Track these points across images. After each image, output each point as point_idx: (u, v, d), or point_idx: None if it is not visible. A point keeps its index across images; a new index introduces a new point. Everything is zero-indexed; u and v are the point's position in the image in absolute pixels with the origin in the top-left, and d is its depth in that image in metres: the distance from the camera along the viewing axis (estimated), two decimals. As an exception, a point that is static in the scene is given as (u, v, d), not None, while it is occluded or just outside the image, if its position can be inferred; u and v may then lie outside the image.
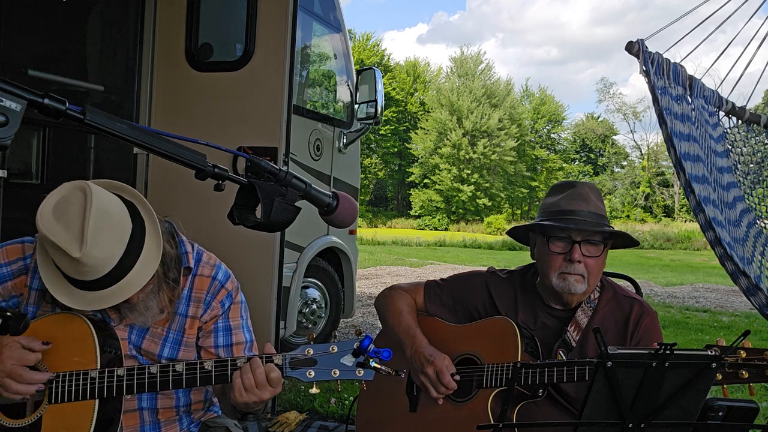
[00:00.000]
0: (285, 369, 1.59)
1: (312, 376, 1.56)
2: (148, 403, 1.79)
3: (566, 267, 2.01)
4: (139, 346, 1.77)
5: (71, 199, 1.53)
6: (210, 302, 1.81)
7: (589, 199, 2.05)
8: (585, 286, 2.03)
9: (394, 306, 2.24)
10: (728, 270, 2.56)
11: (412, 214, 45.37)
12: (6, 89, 1.00)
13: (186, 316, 1.80)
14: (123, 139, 1.19)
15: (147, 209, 1.66)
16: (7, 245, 1.78)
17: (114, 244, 1.54)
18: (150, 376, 1.61)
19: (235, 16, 3.76)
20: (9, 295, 1.76)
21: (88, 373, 1.61)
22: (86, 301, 1.58)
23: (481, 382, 2.01)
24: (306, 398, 4.24)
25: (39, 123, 4.07)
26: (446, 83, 49.45)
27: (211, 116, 3.60)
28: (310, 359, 1.57)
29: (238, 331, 1.85)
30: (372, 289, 9.71)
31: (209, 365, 1.62)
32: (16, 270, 1.76)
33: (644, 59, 2.46)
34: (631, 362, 1.40)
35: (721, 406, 1.69)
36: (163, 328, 1.78)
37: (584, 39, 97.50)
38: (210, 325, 1.82)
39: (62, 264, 1.54)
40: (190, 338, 1.81)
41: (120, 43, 4.50)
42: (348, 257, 5.67)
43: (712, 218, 2.52)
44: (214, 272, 1.83)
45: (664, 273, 15.16)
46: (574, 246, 2.00)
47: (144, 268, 1.60)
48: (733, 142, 3.09)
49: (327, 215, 1.50)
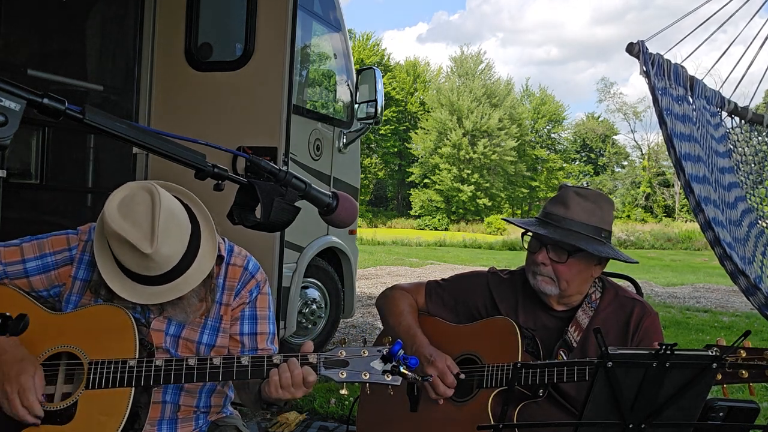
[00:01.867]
0: (319, 368, 1.65)
1: (344, 376, 1.63)
2: (171, 397, 1.84)
3: (535, 267, 2.05)
4: (178, 336, 1.83)
5: (138, 199, 1.61)
6: (240, 291, 1.89)
7: (569, 205, 2.03)
8: (556, 289, 2.04)
9: (395, 306, 2.24)
10: (727, 270, 2.57)
11: (412, 214, 45.38)
12: (5, 89, 1.00)
13: (221, 303, 1.87)
14: (122, 139, 1.19)
15: (203, 212, 1.77)
16: (53, 236, 1.85)
17: (178, 243, 1.63)
18: (188, 367, 1.66)
19: (235, 15, 3.76)
20: (52, 284, 1.83)
21: (127, 361, 1.66)
22: (145, 296, 1.67)
23: (482, 382, 2.01)
24: (306, 398, 4.24)
25: (38, 123, 4.07)
26: (446, 83, 49.46)
27: (211, 116, 3.60)
28: (342, 360, 1.64)
29: (264, 321, 1.92)
30: (372, 289, 9.71)
31: (246, 360, 1.67)
32: (61, 260, 1.82)
33: (644, 60, 2.47)
34: (632, 362, 1.39)
35: (722, 406, 1.69)
36: (201, 317, 1.85)
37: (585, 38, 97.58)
38: (237, 312, 1.89)
39: (127, 259, 1.62)
40: (225, 324, 1.88)
41: (119, 42, 4.50)
42: (348, 257, 5.66)
43: (712, 218, 2.53)
44: (246, 263, 1.91)
45: (665, 273, 15.17)
46: (541, 248, 2.03)
47: (200, 266, 1.70)
48: (736, 143, 3.09)
49: (327, 215, 1.50)
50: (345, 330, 6.58)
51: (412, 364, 1.61)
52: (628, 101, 47.63)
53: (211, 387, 1.91)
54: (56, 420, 1.65)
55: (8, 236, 1.88)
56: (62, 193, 4.52)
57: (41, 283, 1.82)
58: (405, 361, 1.61)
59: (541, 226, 2.04)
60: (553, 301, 2.10)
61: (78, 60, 4.57)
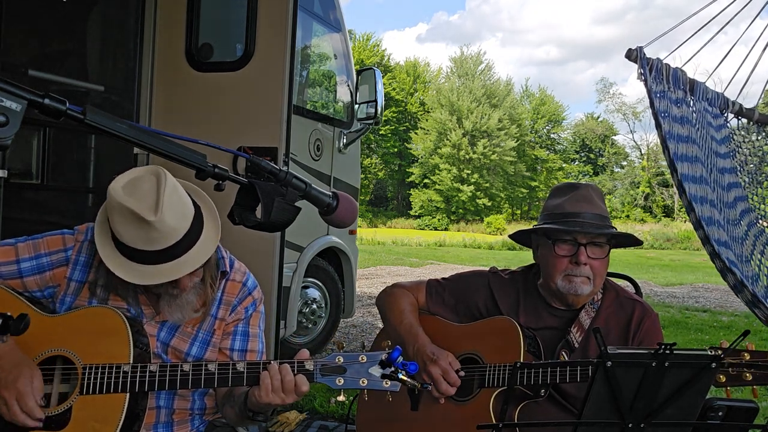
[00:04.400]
0: (316, 375, 1.63)
1: (341, 383, 1.61)
2: (165, 402, 1.82)
3: (572, 269, 2.01)
4: (167, 344, 1.81)
5: (144, 178, 1.61)
6: (236, 307, 1.88)
7: (593, 200, 2.06)
8: (591, 287, 2.03)
9: (396, 304, 2.23)
10: (717, 267, 2.62)
11: (412, 214, 45.35)
12: (6, 89, 1.00)
13: (216, 317, 1.87)
14: (123, 139, 1.19)
15: (205, 201, 1.76)
16: (48, 236, 1.82)
17: (182, 218, 1.62)
18: (182, 373, 1.64)
19: (235, 16, 3.75)
20: (46, 285, 1.80)
21: (121, 366, 1.64)
22: (146, 276, 1.63)
23: (483, 382, 2.01)
24: (306, 398, 4.24)
25: (39, 123, 4.07)
26: (446, 83, 49.44)
27: (211, 116, 3.60)
28: (339, 367, 1.62)
29: (255, 339, 1.92)
30: (372, 289, 9.71)
31: (241, 366, 1.65)
32: (56, 261, 1.80)
33: (642, 65, 2.51)
34: (631, 362, 1.40)
35: (721, 405, 1.69)
36: (193, 328, 1.83)
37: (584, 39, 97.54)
38: (231, 327, 1.88)
39: (129, 232, 1.58)
40: (217, 339, 1.87)
41: (120, 43, 4.50)
42: (348, 257, 5.66)
43: (708, 217, 2.57)
44: (245, 279, 1.91)
45: (664, 273, 15.16)
46: (580, 248, 2.01)
47: (204, 247, 1.67)
48: (740, 143, 3.11)
49: (327, 215, 1.50)
50: (345, 330, 6.57)
51: (412, 371, 1.59)
52: (628, 101, 47.62)
53: (203, 389, 1.89)
54: (51, 426, 1.63)
55: (9, 236, 1.87)
56: (63, 193, 4.52)
57: (35, 283, 1.80)
58: (404, 368, 1.58)
59: (577, 226, 2.00)
60: (579, 301, 2.08)
61: (79, 60, 4.57)
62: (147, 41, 3.78)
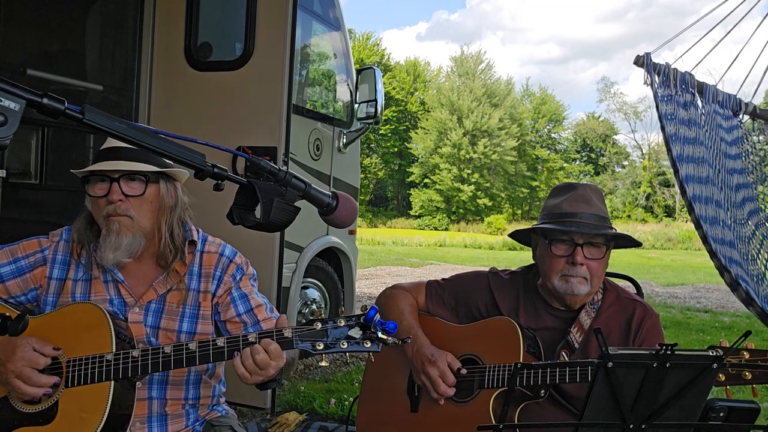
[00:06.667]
0: (295, 341, 1.62)
1: (321, 347, 1.59)
2: (157, 392, 1.85)
3: (569, 269, 2.01)
4: (157, 327, 1.85)
5: None
6: (221, 277, 1.92)
7: (591, 201, 2.05)
8: (588, 288, 2.02)
9: (396, 305, 2.23)
10: (715, 265, 2.64)
11: (412, 214, 45.37)
12: (5, 89, 1.00)
13: (198, 291, 1.91)
14: (122, 139, 1.19)
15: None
16: (24, 241, 1.90)
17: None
18: (164, 355, 1.66)
19: (235, 15, 3.75)
20: (28, 287, 1.87)
21: (104, 356, 1.67)
22: (115, 164, 1.78)
23: (483, 383, 2.01)
24: (306, 399, 4.24)
25: (38, 123, 4.06)
26: (446, 83, 49.45)
27: (211, 116, 3.59)
28: (318, 332, 1.61)
29: (254, 296, 1.96)
30: (372, 289, 9.71)
31: (221, 342, 1.66)
32: (34, 262, 1.87)
33: (649, 71, 2.55)
34: (632, 363, 1.39)
35: (723, 406, 1.69)
36: (178, 306, 1.88)
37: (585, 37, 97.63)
38: (225, 297, 1.92)
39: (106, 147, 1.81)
40: (205, 311, 1.91)
41: (119, 42, 4.50)
42: (348, 257, 5.65)
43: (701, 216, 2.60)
44: (221, 249, 1.96)
45: (665, 273, 15.17)
46: (576, 248, 2.00)
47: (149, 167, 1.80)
48: (755, 144, 3.11)
49: (327, 215, 1.49)
50: (345, 330, 6.56)
51: (391, 329, 1.57)
52: (629, 101, 47.68)
53: (196, 377, 1.91)
54: (38, 421, 1.66)
55: (8, 236, 1.89)
56: (62, 193, 4.51)
57: (17, 287, 1.85)
58: (383, 326, 1.57)
59: (573, 226, 2.00)
60: (577, 302, 2.08)
61: (77, 60, 4.56)
62: (146, 40, 3.78)
